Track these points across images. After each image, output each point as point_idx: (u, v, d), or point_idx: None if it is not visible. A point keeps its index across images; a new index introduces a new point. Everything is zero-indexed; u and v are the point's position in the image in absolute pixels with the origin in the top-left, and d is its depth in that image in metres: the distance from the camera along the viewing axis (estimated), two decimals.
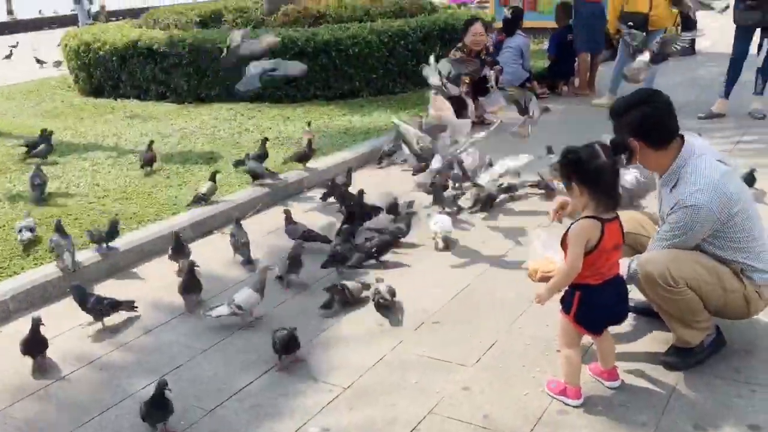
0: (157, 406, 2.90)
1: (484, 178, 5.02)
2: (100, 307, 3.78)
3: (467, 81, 7.56)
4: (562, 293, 3.02)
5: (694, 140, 3.17)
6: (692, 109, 7.88)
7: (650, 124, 3.09)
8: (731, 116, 7.78)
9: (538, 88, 9.34)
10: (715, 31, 12.44)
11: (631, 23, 8.09)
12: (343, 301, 3.91)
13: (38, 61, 13.43)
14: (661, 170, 3.16)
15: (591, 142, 2.92)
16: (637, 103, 3.11)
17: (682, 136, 3.13)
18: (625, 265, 3.16)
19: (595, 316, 2.96)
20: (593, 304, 2.91)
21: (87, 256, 4.51)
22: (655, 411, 2.95)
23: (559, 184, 5.23)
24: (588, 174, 2.82)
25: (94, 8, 20.67)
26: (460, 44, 7.95)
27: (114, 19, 16.42)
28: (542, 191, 5.64)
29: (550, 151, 5.80)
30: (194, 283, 4.02)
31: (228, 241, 4.64)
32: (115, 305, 3.85)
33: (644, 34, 6.93)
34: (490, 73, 7.82)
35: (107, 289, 4.25)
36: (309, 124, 7.07)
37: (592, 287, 2.88)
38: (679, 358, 3.22)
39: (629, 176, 4.08)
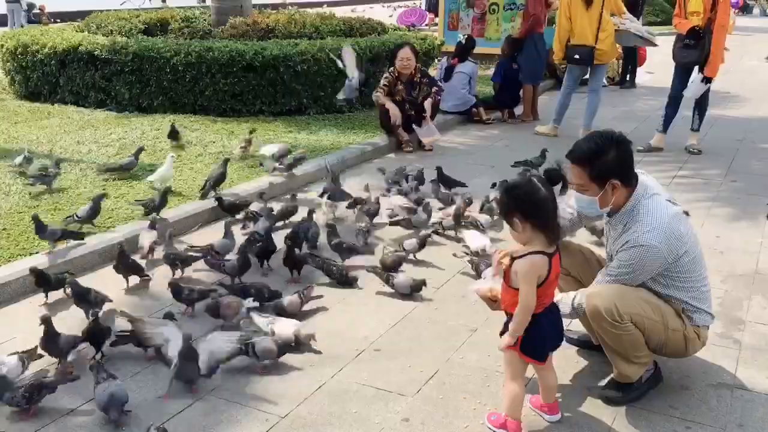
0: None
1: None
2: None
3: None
4: (502, 326, 3.00)
5: (647, 179, 3.21)
6: (632, 142, 8.06)
7: (628, 162, 3.12)
8: (669, 151, 8.00)
9: (485, 114, 9.47)
10: (656, 66, 12.85)
11: (578, 56, 8.26)
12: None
13: None
14: (616, 208, 3.17)
15: (525, 175, 2.93)
16: (609, 144, 3.09)
17: (636, 175, 3.17)
18: (569, 299, 3.16)
19: (539, 344, 2.96)
20: (537, 332, 2.90)
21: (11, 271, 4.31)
22: None
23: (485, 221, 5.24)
24: (531, 208, 2.81)
25: (35, 11, 20.06)
26: (391, 68, 7.99)
27: (58, 20, 15.93)
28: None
29: (494, 186, 5.85)
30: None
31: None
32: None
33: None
34: (428, 101, 7.89)
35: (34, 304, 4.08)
36: (252, 131, 7.19)
37: (535, 316, 2.87)
38: (619, 392, 3.24)
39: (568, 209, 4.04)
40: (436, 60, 11.06)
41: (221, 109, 8.62)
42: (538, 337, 2.92)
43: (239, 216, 5.40)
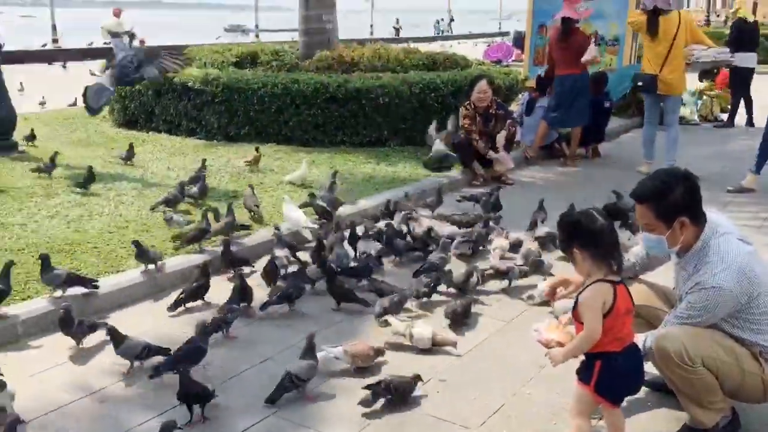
0: None
1: None
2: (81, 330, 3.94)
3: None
4: (578, 363, 2.93)
5: (716, 217, 3.10)
6: (720, 181, 7.80)
7: (696, 199, 3.03)
8: (761, 192, 7.66)
9: (567, 150, 9.33)
10: (759, 106, 12.27)
11: (641, 83, 8.14)
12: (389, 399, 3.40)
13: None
14: (685, 248, 3.08)
15: (585, 209, 2.90)
16: (675, 180, 3.02)
17: (704, 213, 3.08)
18: (640, 341, 3.07)
19: (616, 386, 2.87)
20: (615, 372, 2.82)
21: (105, 284, 4.56)
22: None
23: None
24: (588, 236, 2.77)
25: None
26: (467, 101, 8.02)
27: None
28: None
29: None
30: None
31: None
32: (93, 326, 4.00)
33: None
34: (501, 133, 7.90)
35: (120, 318, 4.28)
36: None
37: (613, 355, 2.79)
38: None
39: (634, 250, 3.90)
40: (519, 95, 11.02)
41: (304, 139, 8.85)
42: (615, 378, 2.83)
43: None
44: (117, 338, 3.68)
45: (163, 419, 3.24)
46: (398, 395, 3.37)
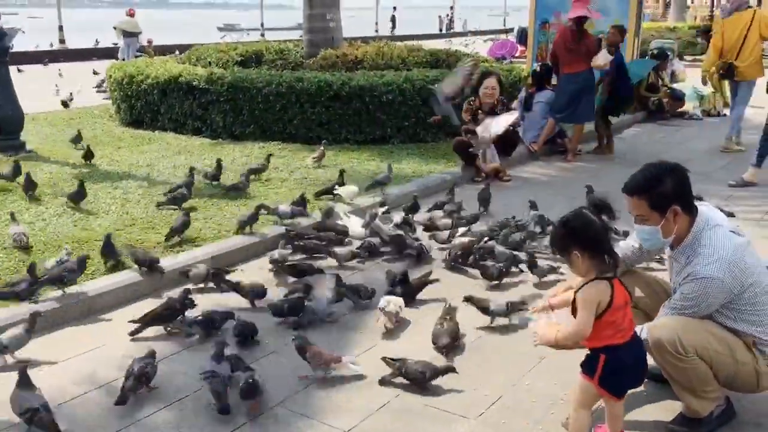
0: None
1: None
2: None
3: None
4: (582, 356, 2.98)
5: (708, 210, 3.16)
6: (724, 176, 7.85)
7: (687, 189, 3.09)
8: (763, 185, 7.70)
9: (569, 144, 9.37)
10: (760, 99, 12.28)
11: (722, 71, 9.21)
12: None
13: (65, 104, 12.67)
14: (677, 240, 3.14)
15: (577, 208, 2.97)
16: (665, 172, 3.08)
17: (696, 206, 3.14)
18: (636, 332, 3.12)
19: (621, 379, 2.91)
20: (619, 366, 2.85)
21: (105, 283, 4.64)
22: None
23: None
24: (590, 240, 2.82)
25: (143, 42, 21.38)
26: (473, 97, 8.08)
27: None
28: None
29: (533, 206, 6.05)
30: None
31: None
32: None
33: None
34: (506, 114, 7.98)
35: (125, 315, 4.34)
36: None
37: (618, 347, 2.83)
38: (687, 427, 3.16)
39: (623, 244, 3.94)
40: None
41: (308, 137, 8.93)
42: (620, 372, 2.87)
43: None
44: (22, 381, 3.22)
45: (169, 410, 3.34)
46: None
